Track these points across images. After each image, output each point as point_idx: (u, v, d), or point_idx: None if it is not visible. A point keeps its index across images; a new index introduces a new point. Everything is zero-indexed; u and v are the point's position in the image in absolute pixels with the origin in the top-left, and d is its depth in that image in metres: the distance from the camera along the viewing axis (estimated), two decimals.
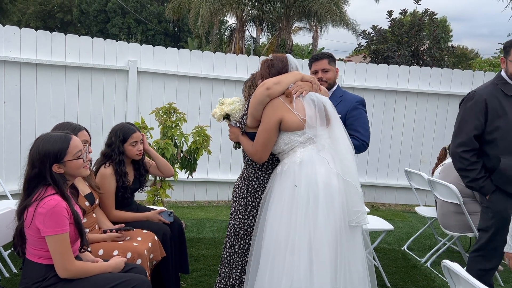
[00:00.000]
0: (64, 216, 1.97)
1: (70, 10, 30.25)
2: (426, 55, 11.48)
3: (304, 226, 2.12)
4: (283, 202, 2.20)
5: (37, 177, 2.00)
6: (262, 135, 2.34)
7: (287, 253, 2.12)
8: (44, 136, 2.07)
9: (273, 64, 2.46)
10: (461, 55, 23.67)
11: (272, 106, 2.31)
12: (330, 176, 2.19)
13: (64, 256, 1.98)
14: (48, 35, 4.96)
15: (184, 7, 17.04)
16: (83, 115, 5.17)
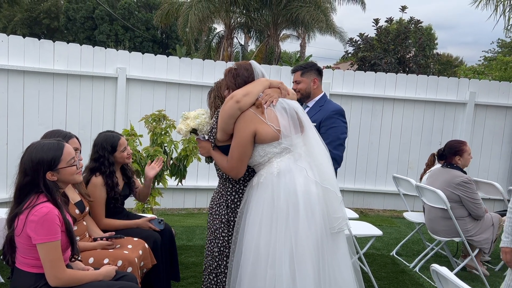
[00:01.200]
0: (56, 223, 1.96)
1: (57, 17, 30.06)
2: (412, 63, 11.66)
3: (284, 238, 2.09)
4: (261, 215, 2.15)
5: (29, 185, 2.00)
6: (237, 150, 2.24)
7: (268, 267, 2.09)
8: (37, 144, 2.07)
9: (238, 74, 2.35)
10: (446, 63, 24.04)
11: (244, 119, 2.22)
12: (309, 184, 2.16)
13: (55, 264, 1.97)
14: (36, 42, 4.94)
15: (172, 14, 17.08)
16: (71, 123, 5.14)
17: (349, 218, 3.99)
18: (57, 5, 30.75)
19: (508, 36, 10.01)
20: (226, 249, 2.39)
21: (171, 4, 17.79)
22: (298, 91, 3.18)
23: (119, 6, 27.33)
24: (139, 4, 28.83)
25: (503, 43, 23.73)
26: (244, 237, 2.18)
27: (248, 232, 2.17)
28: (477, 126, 6.42)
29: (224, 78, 2.43)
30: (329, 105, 3.17)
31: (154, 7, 27.32)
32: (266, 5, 15.94)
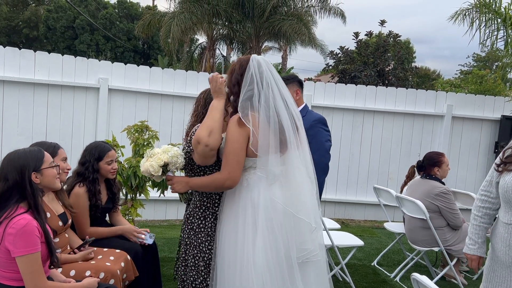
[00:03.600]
0: (35, 235, 1.94)
1: (36, 26, 29.71)
2: (391, 75, 11.90)
3: (245, 248, 2.08)
4: (232, 223, 2.13)
5: (9, 192, 1.97)
6: (232, 155, 2.10)
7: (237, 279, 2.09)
8: (16, 152, 2.08)
9: (233, 70, 2.21)
10: (424, 76, 24.57)
11: (237, 123, 2.09)
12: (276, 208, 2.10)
13: (35, 276, 1.94)
14: (17, 52, 4.89)
15: (154, 25, 17.06)
16: (52, 133, 5.08)
17: (331, 228, 4.06)
18: (37, 14, 30.41)
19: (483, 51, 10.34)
20: (212, 262, 2.31)
21: (153, 14, 17.79)
22: None
23: (100, 16, 27.19)
24: (120, 15, 28.73)
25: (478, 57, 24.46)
26: (220, 245, 2.16)
27: (223, 241, 2.15)
28: (455, 138, 6.58)
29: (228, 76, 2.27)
30: (310, 115, 3.22)
31: (135, 17, 27.27)
32: (248, 17, 16.07)
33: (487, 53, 21.06)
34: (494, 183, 2.21)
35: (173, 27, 14.66)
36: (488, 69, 21.76)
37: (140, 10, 29.40)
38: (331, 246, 3.61)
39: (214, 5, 15.44)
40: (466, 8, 6.58)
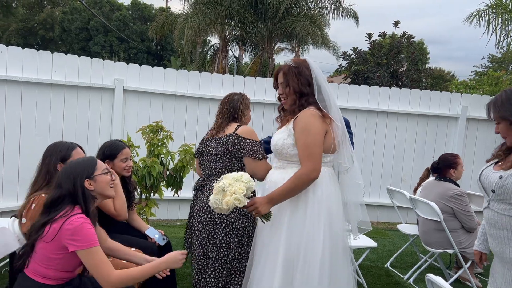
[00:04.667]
0: (92, 232, 2.00)
1: (52, 28, 30.13)
2: (404, 77, 11.81)
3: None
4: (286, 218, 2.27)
5: (63, 198, 2.05)
6: (315, 147, 2.20)
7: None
8: (71, 161, 2.23)
9: (300, 72, 2.31)
10: (438, 77, 24.33)
11: (315, 117, 2.23)
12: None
13: (100, 269, 1.97)
14: (35, 53, 4.97)
15: (167, 27, 17.18)
16: (68, 133, 5.16)
17: None
18: (52, 16, 30.85)
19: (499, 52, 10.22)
20: (239, 264, 2.54)
21: (166, 16, 17.93)
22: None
23: (114, 17, 27.48)
24: (134, 16, 29.00)
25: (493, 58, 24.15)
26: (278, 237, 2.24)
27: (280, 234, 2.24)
28: (469, 139, 6.52)
29: (284, 77, 2.34)
30: None
31: (149, 19, 27.50)
32: (261, 18, 16.10)
33: (503, 54, 20.79)
34: None
35: (187, 29, 14.75)
36: (504, 70, 21.44)
37: (154, 11, 29.64)
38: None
39: (227, 6, 15.51)
40: (482, 9, 6.53)
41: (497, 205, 2.15)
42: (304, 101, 2.29)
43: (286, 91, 2.33)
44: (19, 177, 4.87)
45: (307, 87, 2.29)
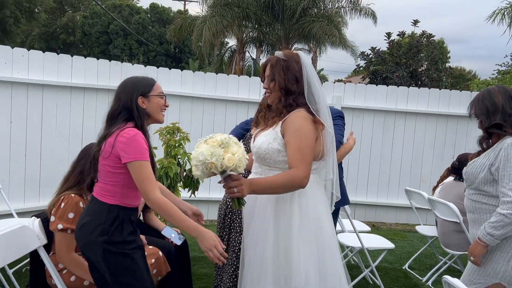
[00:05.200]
0: (144, 146, 2.02)
1: (73, 32, 30.73)
2: (424, 76, 11.64)
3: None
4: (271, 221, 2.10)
5: (120, 111, 2.08)
6: (307, 151, 2.01)
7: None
8: (131, 76, 2.21)
9: (288, 67, 2.09)
10: (458, 76, 23.93)
11: (308, 121, 2.05)
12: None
13: (145, 184, 1.97)
14: (55, 57, 5.08)
15: (185, 29, 17.32)
16: (87, 135, 5.24)
17: (361, 231, 4.02)
18: (73, 20, 31.47)
19: None
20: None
21: (184, 19, 18.09)
22: None
23: (133, 21, 27.86)
24: (153, 19, 29.34)
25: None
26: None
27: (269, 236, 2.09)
28: None
29: (270, 70, 2.14)
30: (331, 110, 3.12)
31: (167, 22, 27.78)
32: (278, 19, 16.10)
33: None
34: None
35: (204, 31, 14.86)
36: None
37: (172, 14, 29.94)
38: (361, 248, 3.58)
39: (244, 8, 15.56)
40: (504, 7, 6.40)
41: (467, 191, 2.40)
42: (292, 101, 2.08)
43: (271, 86, 2.12)
44: (40, 178, 4.97)
45: (294, 84, 2.08)
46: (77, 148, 5.18)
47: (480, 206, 2.34)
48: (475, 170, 2.34)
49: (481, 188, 2.32)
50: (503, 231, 2.20)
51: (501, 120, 2.29)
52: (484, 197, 2.33)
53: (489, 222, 2.24)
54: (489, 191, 2.30)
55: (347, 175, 6.33)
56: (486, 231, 2.23)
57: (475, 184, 2.34)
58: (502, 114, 2.30)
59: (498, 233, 2.21)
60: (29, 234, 2.32)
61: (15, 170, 4.84)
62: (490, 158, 2.30)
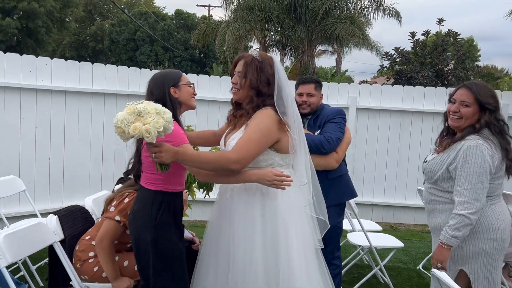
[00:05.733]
0: (181, 131, 2.18)
1: (101, 40, 31.63)
2: (450, 75, 11.40)
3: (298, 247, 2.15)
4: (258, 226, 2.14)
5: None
6: (256, 145, 2.09)
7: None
8: (159, 71, 2.39)
9: (262, 68, 2.16)
10: (487, 75, 23.34)
11: (273, 119, 2.12)
12: (303, 200, 2.23)
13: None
14: (77, 65, 5.32)
15: (209, 34, 17.55)
16: (108, 139, 5.46)
17: (371, 230, 4.05)
18: (102, 28, 32.39)
19: None
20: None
21: (208, 24, 18.36)
22: (309, 104, 3.06)
23: (159, 27, 28.46)
24: (178, 25, 29.87)
25: None
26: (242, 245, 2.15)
27: (249, 243, 2.14)
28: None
29: (243, 68, 2.18)
30: (330, 109, 3.16)
31: (192, 27, 28.24)
32: (300, 22, 16.12)
33: None
34: None
35: (227, 36, 15.06)
36: None
37: (196, 20, 30.40)
38: (369, 247, 3.62)
39: (266, 12, 15.66)
40: None
41: (426, 184, 2.58)
42: (261, 102, 2.15)
43: (242, 82, 2.17)
44: (64, 180, 5.22)
45: (265, 87, 2.15)
46: (98, 151, 5.48)
47: (435, 199, 2.49)
48: (435, 167, 2.45)
49: (439, 183, 2.45)
50: (464, 231, 2.29)
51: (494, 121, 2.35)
52: (439, 191, 2.47)
53: (449, 225, 2.31)
54: (445, 187, 2.43)
55: (364, 176, 6.35)
56: (449, 234, 2.30)
57: (433, 179, 2.47)
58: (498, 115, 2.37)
59: (460, 234, 2.29)
60: (45, 230, 2.49)
61: (40, 172, 5.09)
62: (450, 157, 2.39)
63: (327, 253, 3.02)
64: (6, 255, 2.14)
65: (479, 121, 2.35)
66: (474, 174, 2.28)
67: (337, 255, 3.11)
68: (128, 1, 37.83)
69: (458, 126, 2.41)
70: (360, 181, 6.33)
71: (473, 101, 2.34)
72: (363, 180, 6.36)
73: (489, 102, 2.34)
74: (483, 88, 2.37)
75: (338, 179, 3.07)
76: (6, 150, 4.88)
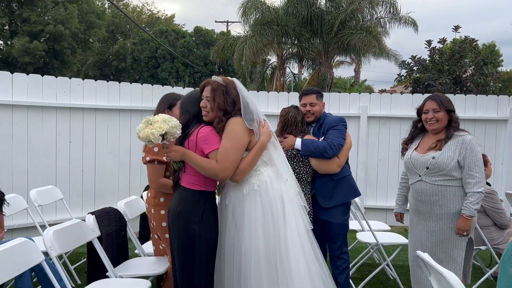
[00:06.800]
0: (218, 137, 2.53)
1: (124, 58, 32.61)
2: (469, 82, 11.38)
3: (285, 237, 2.51)
4: (262, 219, 2.51)
5: (191, 119, 2.59)
6: (234, 153, 2.46)
7: (278, 264, 2.49)
8: (188, 93, 2.76)
9: (227, 92, 2.53)
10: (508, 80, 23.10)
11: (241, 125, 2.50)
12: (289, 191, 2.62)
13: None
14: (105, 84, 5.80)
15: (227, 49, 17.96)
16: (134, 151, 5.89)
17: (379, 229, 4.32)
18: (124, 47, 33.42)
19: None
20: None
21: (226, 39, 18.85)
22: (312, 113, 3.40)
23: (179, 45, 29.21)
24: (197, 42, 30.61)
25: None
26: (246, 241, 2.51)
27: (251, 237, 2.50)
28: None
29: (211, 93, 2.52)
30: (331, 117, 3.47)
31: (211, 43, 28.92)
32: (316, 34, 16.38)
33: None
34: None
35: (245, 50, 15.45)
36: None
37: (215, 36, 31.09)
38: (376, 244, 3.90)
39: (283, 25, 16.02)
40: None
41: (429, 178, 3.03)
42: (227, 119, 2.53)
43: (211, 105, 2.52)
44: (95, 190, 5.67)
45: (231, 106, 2.52)
46: (126, 163, 5.92)
47: (445, 189, 3.00)
48: (446, 161, 2.97)
49: (451, 173, 2.98)
50: (479, 205, 2.95)
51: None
52: (450, 180, 3.00)
53: (470, 202, 2.92)
54: (455, 175, 2.99)
55: (377, 182, 6.60)
56: (473, 208, 2.92)
57: (445, 171, 2.98)
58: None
59: (478, 207, 2.94)
60: (84, 228, 2.89)
61: (74, 183, 5.56)
62: (456, 151, 2.97)
63: (335, 249, 3.35)
64: (55, 247, 2.54)
65: (450, 120, 3.05)
66: (478, 160, 2.94)
67: (344, 250, 3.38)
68: (149, 20, 38.98)
69: (437, 128, 3.06)
70: (374, 187, 6.59)
71: (440, 107, 3.03)
72: (376, 185, 6.62)
73: (450, 106, 3.06)
74: (443, 97, 3.11)
75: (343, 180, 3.37)
76: (44, 163, 5.37)
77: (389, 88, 27.28)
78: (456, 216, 2.99)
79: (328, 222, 3.30)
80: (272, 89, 17.88)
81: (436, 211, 3.02)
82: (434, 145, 3.03)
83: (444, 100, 3.07)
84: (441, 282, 2.08)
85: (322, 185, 3.31)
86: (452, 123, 3.05)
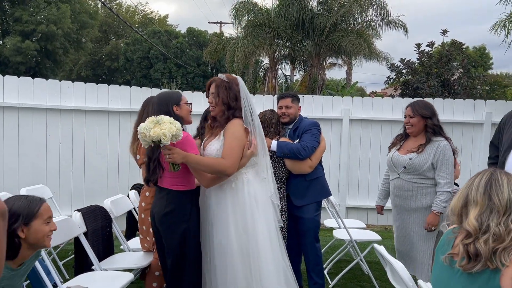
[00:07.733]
0: (194, 141, 2.69)
1: (116, 58, 32.64)
2: (457, 85, 11.61)
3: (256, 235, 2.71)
4: (234, 216, 2.71)
5: None
6: (238, 150, 2.65)
7: (252, 261, 2.68)
8: (159, 93, 2.96)
9: (230, 87, 2.72)
10: (494, 83, 23.51)
11: (242, 128, 2.71)
12: (266, 193, 2.82)
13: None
14: (95, 86, 5.98)
15: (220, 50, 18.09)
16: (123, 152, 6.06)
17: (356, 227, 4.54)
18: (117, 47, 33.44)
19: None
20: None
21: (219, 41, 19.01)
22: (287, 115, 3.62)
23: (172, 45, 29.31)
24: (190, 43, 30.72)
25: None
26: (219, 236, 2.71)
27: (223, 232, 2.70)
28: None
29: (216, 89, 2.73)
30: (306, 121, 3.69)
31: (203, 44, 29.04)
32: (308, 36, 16.55)
33: None
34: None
35: (236, 52, 15.61)
36: None
37: (208, 37, 31.21)
38: (350, 240, 4.12)
39: (274, 27, 16.18)
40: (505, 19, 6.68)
41: (405, 176, 3.46)
42: (231, 114, 2.72)
43: (216, 101, 2.74)
44: (84, 188, 5.85)
45: (234, 101, 2.72)
46: (115, 164, 6.10)
47: (421, 185, 3.42)
48: (421, 162, 3.38)
49: (424, 174, 3.39)
50: (449, 202, 3.13)
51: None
52: (424, 179, 3.41)
53: (440, 200, 3.32)
54: (429, 175, 3.40)
55: (359, 182, 6.82)
56: (442, 205, 3.30)
57: (420, 171, 3.39)
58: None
59: (447, 204, 3.25)
60: (71, 224, 3.07)
61: (63, 182, 5.73)
62: (431, 154, 3.37)
63: (307, 243, 3.56)
64: None
65: (426, 126, 3.40)
66: (450, 164, 3.34)
67: (316, 246, 3.59)
68: (142, 21, 39.03)
69: (412, 132, 3.50)
70: (356, 187, 6.82)
71: (414, 113, 3.43)
72: (358, 186, 6.84)
73: (424, 112, 3.41)
74: (419, 103, 3.51)
75: (315, 181, 3.60)
76: (34, 163, 5.54)
77: (380, 90, 27.58)
78: (427, 210, 3.38)
79: (300, 218, 3.55)
80: (264, 90, 18.05)
81: (411, 205, 3.45)
82: (416, 148, 3.42)
83: (419, 107, 3.43)
84: (394, 274, 2.29)
85: (296, 185, 3.53)
86: (428, 128, 3.39)
